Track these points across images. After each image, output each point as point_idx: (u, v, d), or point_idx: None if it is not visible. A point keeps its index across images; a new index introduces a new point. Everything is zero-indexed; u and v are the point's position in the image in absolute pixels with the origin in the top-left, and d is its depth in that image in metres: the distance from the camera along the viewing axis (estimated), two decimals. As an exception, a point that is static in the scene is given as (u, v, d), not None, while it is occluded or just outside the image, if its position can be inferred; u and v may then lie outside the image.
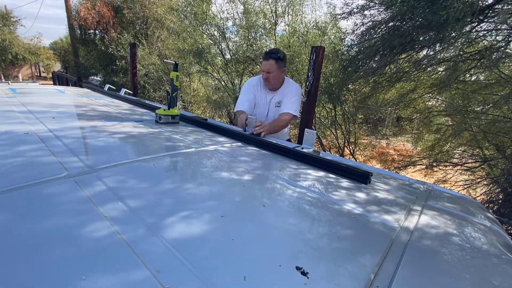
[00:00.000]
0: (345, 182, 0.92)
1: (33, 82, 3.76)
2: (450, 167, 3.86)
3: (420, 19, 2.30)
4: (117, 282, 0.40)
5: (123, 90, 2.81)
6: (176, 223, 0.56)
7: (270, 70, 1.80)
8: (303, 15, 4.90)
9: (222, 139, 1.33)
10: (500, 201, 2.92)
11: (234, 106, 6.00)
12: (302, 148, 1.25)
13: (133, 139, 1.18)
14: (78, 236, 0.49)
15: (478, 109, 3.21)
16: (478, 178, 3.60)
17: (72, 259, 0.43)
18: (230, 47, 5.47)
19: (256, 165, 1.01)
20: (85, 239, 0.48)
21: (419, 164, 4.13)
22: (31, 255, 0.43)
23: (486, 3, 2.20)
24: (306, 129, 1.33)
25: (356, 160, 4.62)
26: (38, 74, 22.94)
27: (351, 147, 5.00)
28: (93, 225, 0.52)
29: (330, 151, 5.13)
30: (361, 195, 0.83)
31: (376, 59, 2.97)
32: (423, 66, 2.77)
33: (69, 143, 0.99)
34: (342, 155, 4.92)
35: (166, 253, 0.47)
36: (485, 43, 2.67)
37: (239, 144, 1.28)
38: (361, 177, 0.94)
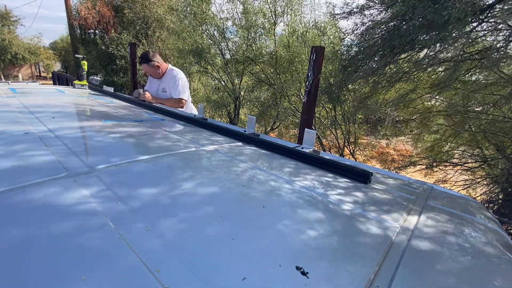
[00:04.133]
0: (345, 182, 0.92)
1: (33, 82, 3.78)
2: (450, 167, 3.86)
3: (421, 19, 2.30)
4: (117, 282, 0.40)
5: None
6: (176, 223, 0.56)
7: (145, 70, 2.50)
8: (302, 15, 4.91)
9: (222, 139, 1.33)
10: (500, 201, 2.92)
11: (234, 106, 5.97)
12: (302, 148, 1.25)
13: (133, 139, 1.18)
14: (78, 236, 0.49)
15: (478, 109, 3.21)
16: (478, 178, 3.60)
17: (72, 259, 0.43)
18: (229, 47, 5.47)
19: (256, 165, 1.01)
20: (85, 239, 0.48)
21: (419, 164, 4.12)
22: (31, 255, 0.43)
23: (487, 3, 2.20)
24: (306, 129, 1.33)
25: (356, 160, 4.62)
26: (38, 74, 22.92)
27: (351, 147, 5.01)
28: (93, 225, 0.52)
29: (330, 151, 5.13)
30: (361, 195, 0.83)
31: (376, 59, 2.97)
32: (423, 66, 2.77)
33: (69, 143, 0.99)
34: (342, 155, 4.92)
35: (166, 253, 0.47)
36: (485, 43, 2.67)
37: (239, 144, 1.28)
38: (361, 177, 0.94)
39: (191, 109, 2.63)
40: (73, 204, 0.59)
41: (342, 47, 3.93)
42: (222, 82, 5.91)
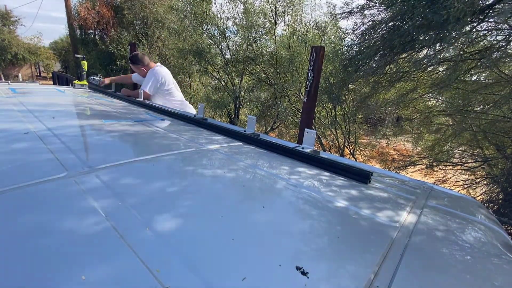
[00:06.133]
0: (345, 182, 0.92)
1: (33, 82, 3.79)
2: (450, 167, 3.86)
3: (420, 19, 2.30)
4: (117, 282, 0.40)
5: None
6: (176, 223, 0.56)
7: (132, 68, 2.85)
8: (303, 15, 4.90)
9: (222, 138, 1.33)
10: (500, 201, 2.92)
11: (234, 106, 5.96)
12: (302, 148, 1.25)
13: (133, 138, 1.18)
14: (78, 236, 0.49)
15: (478, 109, 3.21)
16: (478, 178, 3.60)
17: (72, 260, 0.43)
18: (230, 47, 5.47)
19: (256, 165, 1.01)
20: (84, 239, 0.48)
21: (419, 164, 4.12)
22: (31, 255, 0.43)
23: (487, 3, 2.20)
24: (306, 129, 1.33)
25: (356, 160, 4.62)
26: (38, 74, 22.89)
27: (351, 147, 5.01)
28: (93, 225, 0.52)
29: (330, 151, 5.14)
30: (361, 195, 0.83)
31: (376, 59, 2.97)
32: (423, 66, 2.77)
33: (69, 142, 0.99)
34: (342, 155, 4.92)
35: (166, 253, 0.47)
36: (485, 43, 2.67)
37: (239, 144, 1.28)
38: (361, 177, 0.94)
39: (184, 106, 2.79)
40: (73, 204, 0.59)
41: (343, 47, 3.93)
42: (222, 82, 5.91)
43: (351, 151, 5.01)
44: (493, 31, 2.50)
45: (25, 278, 0.39)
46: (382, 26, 2.77)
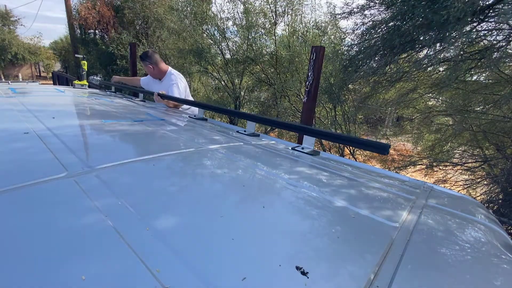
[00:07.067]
0: (345, 182, 0.92)
1: (33, 82, 3.79)
2: (450, 167, 3.86)
3: (421, 19, 2.30)
4: (117, 281, 0.40)
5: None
6: (176, 223, 0.56)
7: (143, 66, 2.70)
8: (302, 15, 4.90)
9: (222, 138, 1.33)
10: (500, 201, 2.92)
11: (234, 106, 5.96)
12: (302, 148, 1.25)
13: (133, 138, 1.18)
14: (78, 236, 0.49)
15: (478, 109, 3.21)
16: (478, 178, 3.60)
17: (72, 259, 0.43)
18: (230, 47, 5.47)
19: (256, 165, 1.01)
20: (84, 239, 0.48)
21: (419, 164, 4.12)
22: (30, 255, 0.43)
23: (487, 3, 2.20)
24: None
25: (356, 160, 4.61)
26: (38, 74, 22.89)
27: (351, 147, 5.01)
28: (93, 225, 0.52)
29: (330, 151, 5.14)
30: (361, 195, 0.83)
31: (376, 59, 2.97)
32: (424, 66, 2.77)
33: (69, 142, 0.99)
34: (342, 155, 4.92)
35: (166, 253, 0.47)
36: (485, 43, 2.67)
37: (239, 144, 1.28)
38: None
39: (192, 111, 2.68)
40: (73, 204, 0.59)
41: (343, 47, 3.94)
42: (222, 82, 5.92)
43: (351, 151, 5.01)
44: (493, 31, 2.50)
45: (25, 278, 0.39)
46: (382, 26, 2.77)
